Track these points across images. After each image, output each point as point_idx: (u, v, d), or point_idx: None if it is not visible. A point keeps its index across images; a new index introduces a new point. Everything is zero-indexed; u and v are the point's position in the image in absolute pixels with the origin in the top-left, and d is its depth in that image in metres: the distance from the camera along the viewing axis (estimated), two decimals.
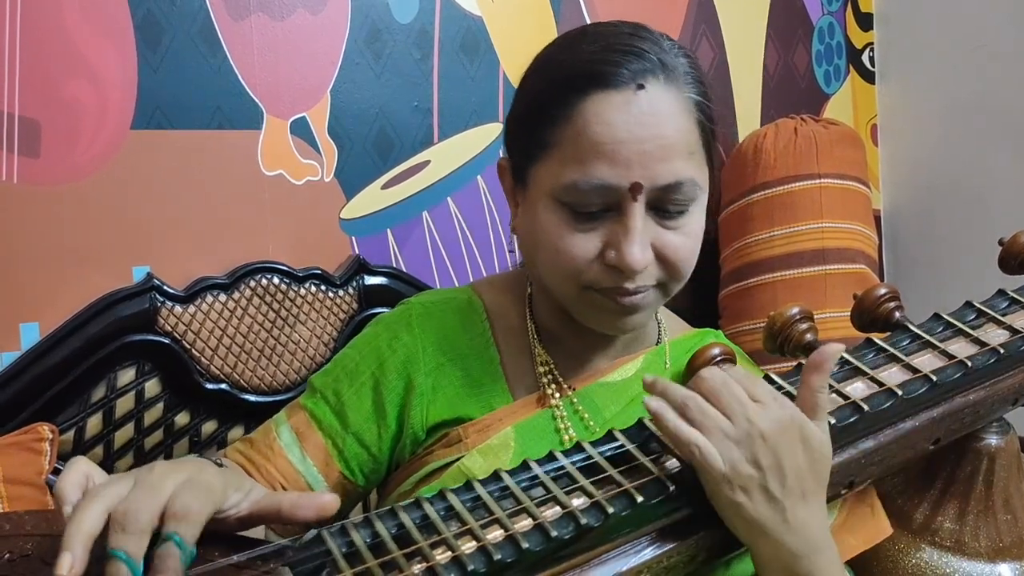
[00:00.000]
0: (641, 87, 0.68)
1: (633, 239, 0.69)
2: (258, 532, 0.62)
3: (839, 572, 0.63)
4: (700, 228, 0.74)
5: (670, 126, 0.69)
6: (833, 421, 0.65)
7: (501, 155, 0.83)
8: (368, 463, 0.81)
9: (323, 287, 1.28)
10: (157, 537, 0.50)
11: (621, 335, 0.82)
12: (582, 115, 0.69)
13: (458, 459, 0.77)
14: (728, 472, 0.58)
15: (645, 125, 0.68)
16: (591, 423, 0.79)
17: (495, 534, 0.55)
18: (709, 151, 0.74)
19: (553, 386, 0.80)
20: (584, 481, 0.60)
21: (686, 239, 0.72)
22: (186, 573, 0.51)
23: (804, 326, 0.79)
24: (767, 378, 0.69)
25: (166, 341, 1.16)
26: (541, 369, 0.81)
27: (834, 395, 0.68)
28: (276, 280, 1.25)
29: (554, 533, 0.55)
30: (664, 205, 0.71)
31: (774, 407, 0.61)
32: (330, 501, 0.56)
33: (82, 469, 0.54)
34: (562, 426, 0.78)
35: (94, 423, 1.12)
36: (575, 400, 0.80)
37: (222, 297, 1.21)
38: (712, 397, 0.61)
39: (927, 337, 0.74)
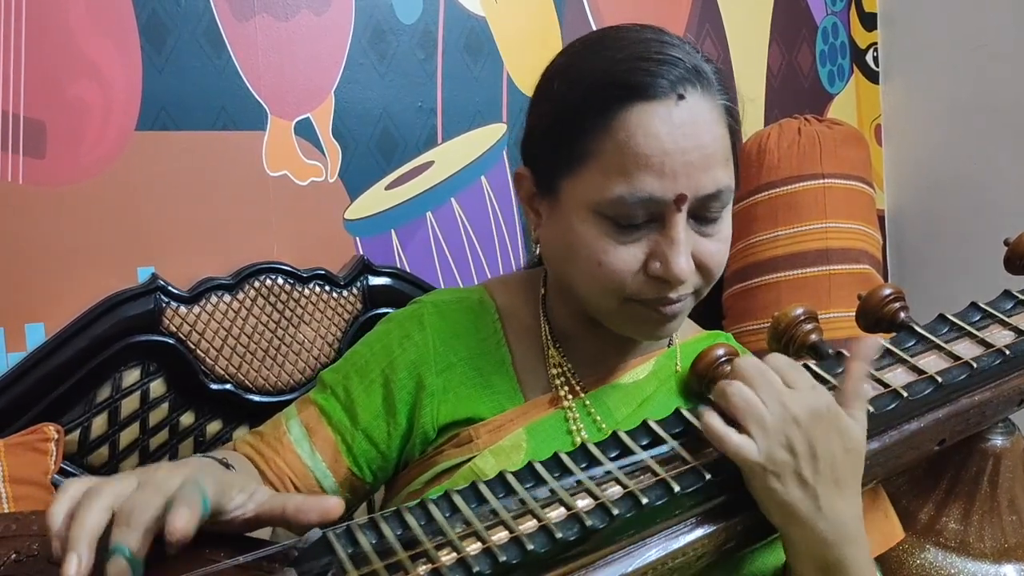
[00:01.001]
0: (681, 97, 0.68)
1: (679, 250, 0.69)
2: (264, 533, 0.62)
3: (869, 565, 0.64)
4: (730, 232, 0.75)
5: (709, 135, 0.69)
6: None
7: (508, 161, 0.82)
8: (377, 460, 0.81)
9: (327, 287, 1.29)
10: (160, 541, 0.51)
11: (656, 341, 0.82)
12: (624, 127, 0.68)
13: (469, 459, 0.77)
14: (763, 460, 0.59)
15: (688, 136, 0.68)
16: (603, 425, 0.79)
17: (500, 535, 0.55)
18: (736, 154, 0.75)
19: (566, 388, 0.80)
20: (588, 482, 0.60)
21: (721, 245, 0.73)
22: (192, 574, 0.52)
23: (809, 326, 0.79)
24: (806, 367, 0.70)
25: (171, 341, 1.16)
26: (554, 371, 0.81)
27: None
28: (280, 280, 1.25)
29: (559, 534, 0.55)
30: (703, 213, 0.71)
31: (809, 394, 0.62)
32: (334, 505, 0.56)
33: (70, 493, 0.53)
34: (574, 428, 0.78)
35: (99, 423, 1.13)
36: (588, 402, 0.80)
37: (226, 298, 1.21)
38: (748, 383, 0.62)
39: (932, 338, 0.74)
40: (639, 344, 0.84)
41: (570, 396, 0.80)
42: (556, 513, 0.57)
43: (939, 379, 0.69)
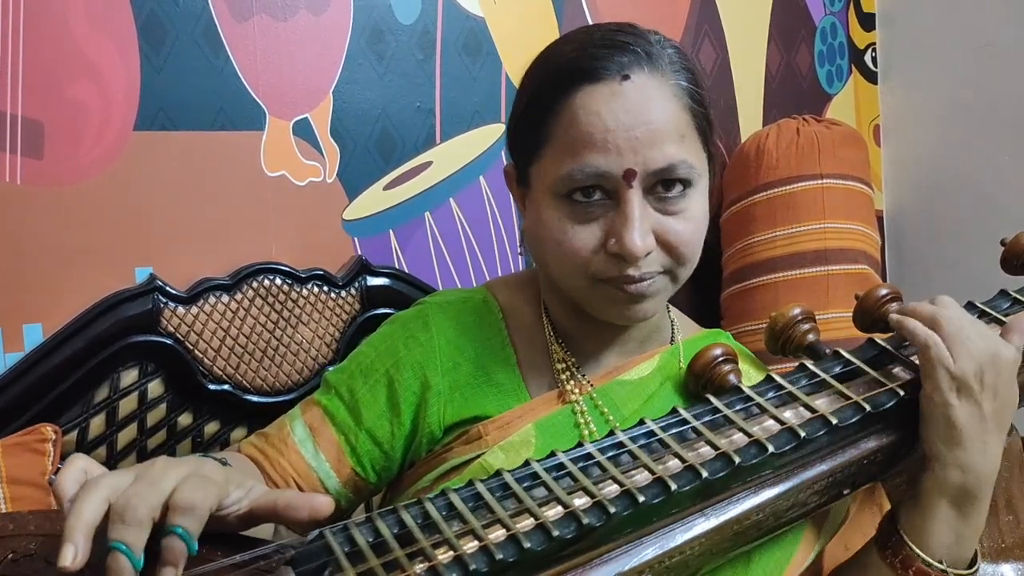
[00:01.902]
0: (626, 78, 0.71)
1: (632, 226, 0.70)
2: (266, 532, 0.62)
3: (985, 516, 0.71)
4: (701, 213, 0.75)
5: (657, 111, 0.71)
6: (835, 421, 0.65)
7: (505, 161, 0.84)
8: (380, 460, 0.81)
9: (325, 288, 1.29)
10: (161, 532, 0.50)
11: (633, 325, 0.82)
12: (570, 109, 0.71)
13: (478, 456, 0.77)
14: (957, 373, 0.66)
15: (631, 112, 0.70)
16: (611, 418, 0.79)
17: (497, 533, 0.55)
18: (704, 136, 0.76)
19: (572, 382, 0.81)
20: (585, 480, 0.60)
21: (688, 224, 0.73)
22: (189, 572, 0.52)
23: (806, 326, 0.79)
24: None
25: (169, 342, 1.16)
26: (559, 366, 0.82)
27: (835, 395, 0.68)
28: (278, 281, 1.25)
29: (556, 532, 0.55)
30: (661, 190, 0.72)
31: (1004, 344, 0.69)
32: (324, 503, 0.56)
33: (80, 465, 0.54)
34: (582, 421, 0.79)
35: (97, 424, 1.13)
36: (595, 395, 0.80)
37: (225, 298, 1.21)
38: (958, 317, 0.69)
39: None
40: (639, 339, 0.84)
41: (576, 391, 0.80)
42: (553, 511, 0.57)
43: None
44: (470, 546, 0.54)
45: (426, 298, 0.89)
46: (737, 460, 0.61)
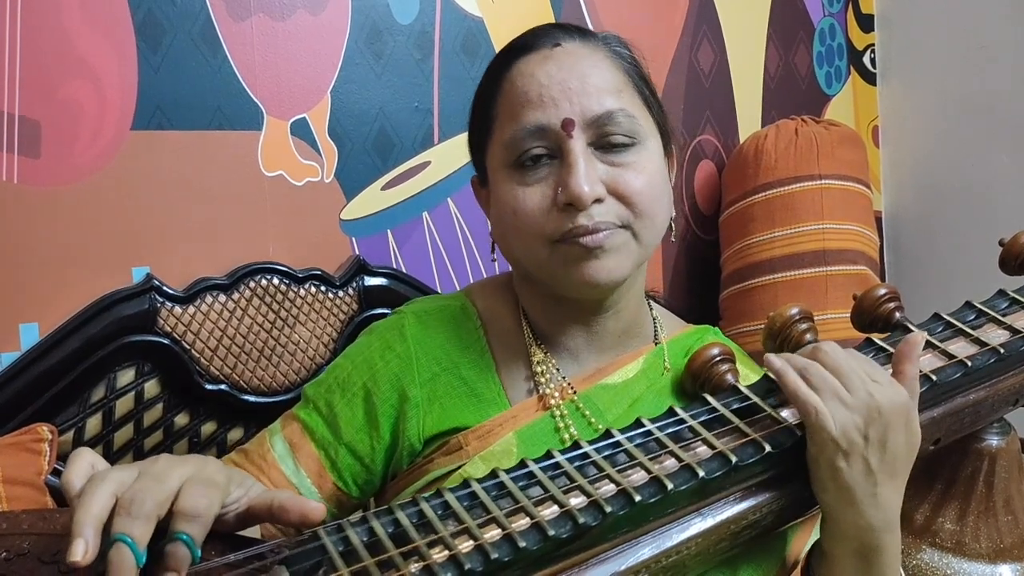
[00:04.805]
0: (557, 44, 0.75)
1: (577, 171, 0.71)
2: (255, 531, 0.62)
3: (898, 552, 0.67)
4: (654, 168, 0.76)
5: (591, 68, 0.74)
6: None
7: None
8: (361, 474, 0.81)
9: (323, 288, 1.28)
10: (162, 533, 0.50)
11: (602, 291, 0.77)
12: (508, 81, 0.76)
13: (459, 467, 0.76)
14: (838, 435, 0.61)
15: (564, 68, 0.74)
16: (594, 422, 0.78)
17: (492, 533, 0.55)
18: (646, 102, 0.78)
19: (552, 386, 0.80)
20: (581, 480, 0.59)
21: (639, 175, 0.74)
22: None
23: (804, 326, 0.79)
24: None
25: (166, 342, 1.15)
26: (538, 368, 0.81)
27: None
28: (276, 281, 1.25)
29: (551, 532, 0.55)
30: (604, 140, 0.73)
31: (891, 388, 0.64)
32: (315, 510, 0.56)
33: (88, 460, 0.54)
34: (561, 424, 0.78)
35: (94, 423, 1.12)
36: (578, 401, 0.79)
37: (222, 298, 1.21)
38: (834, 367, 0.64)
39: (927, 337, 0.74)
40: (617, 335, 0.83)
41: (557, 395, 0.79)
42: (549, 511, 0.57)
43: (934, 377, 0.69)
44: (465, 545, 0.54)
45: (403, 307, 0.88)
46: (734, 459, 0.61)
